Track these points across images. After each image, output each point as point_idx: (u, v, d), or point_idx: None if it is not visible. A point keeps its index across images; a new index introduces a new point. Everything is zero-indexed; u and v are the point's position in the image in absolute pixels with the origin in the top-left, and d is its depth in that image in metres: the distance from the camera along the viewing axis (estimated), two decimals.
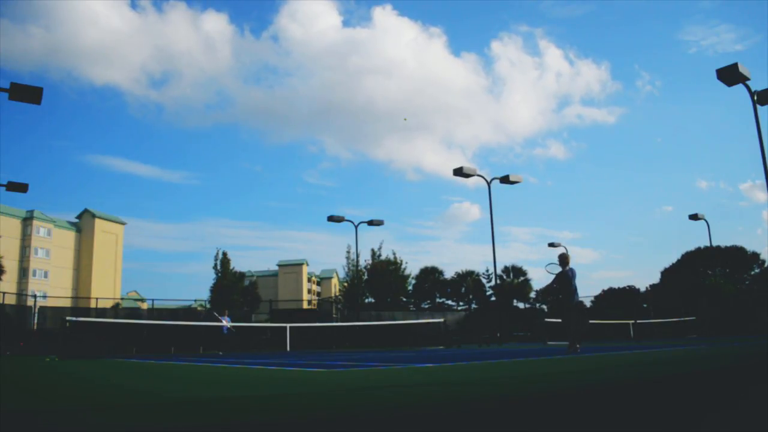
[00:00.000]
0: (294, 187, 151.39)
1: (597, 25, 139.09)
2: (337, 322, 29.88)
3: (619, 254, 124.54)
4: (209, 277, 44.64)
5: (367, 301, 41.79)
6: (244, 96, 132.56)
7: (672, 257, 63.55)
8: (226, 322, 20.28)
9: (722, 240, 66.54)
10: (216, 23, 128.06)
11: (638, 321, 29.19)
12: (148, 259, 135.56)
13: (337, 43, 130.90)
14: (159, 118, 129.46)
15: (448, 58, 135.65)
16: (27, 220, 79.57)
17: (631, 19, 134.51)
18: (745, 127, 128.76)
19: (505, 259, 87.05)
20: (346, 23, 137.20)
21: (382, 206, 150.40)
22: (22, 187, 19.61)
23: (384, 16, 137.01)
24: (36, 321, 24.58)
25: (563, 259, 11.01)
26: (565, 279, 10.79)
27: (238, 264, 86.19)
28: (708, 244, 35.43)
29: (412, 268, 65.26)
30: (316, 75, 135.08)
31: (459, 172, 25.24)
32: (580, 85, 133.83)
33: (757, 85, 15.80)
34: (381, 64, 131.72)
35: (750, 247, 48.32)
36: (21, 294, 55.06)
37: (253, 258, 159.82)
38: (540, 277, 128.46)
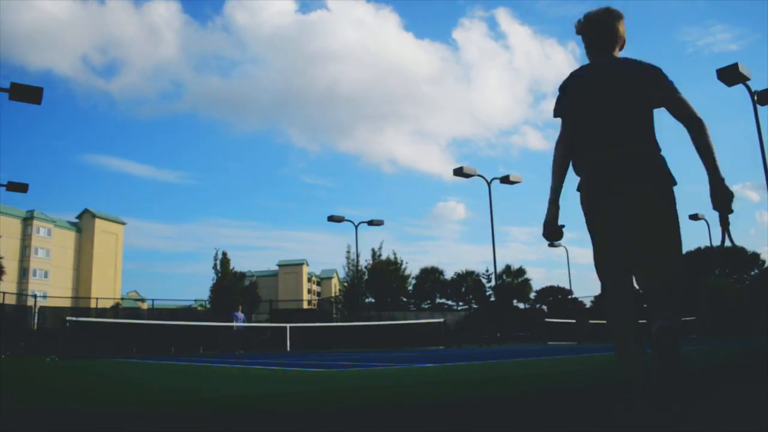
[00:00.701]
0: (291, 186, 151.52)
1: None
2: (337, 322, 29.88)
3: None
4: (209, 277, 44.62)
5: (367, 301, 41.78)
6: (201, 85, 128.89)
7: None
8: (238, 321, 20.70)
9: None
10: (167, 11, 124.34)
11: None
12: (148, 259, 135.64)
13: (295, 30, 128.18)
14: (128, 110, 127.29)
15: (419, 45, 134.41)
16: (27, 220, 79.56)
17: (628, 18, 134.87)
18: (738, 127, 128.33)
19: (504, 259, 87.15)
20: (301, 9, 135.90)
21: (370, 204, 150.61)
22: (22, 187, 19.61)
23: (341, 1, 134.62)
24: (36, 321, 24.56)
25: None
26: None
27: (238, 264, 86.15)
28: (708, 244, 35.45)
29: (412, 268, 65.35)
30: (275, 63, 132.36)
31: (459, 172, 25.22)
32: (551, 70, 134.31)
33: (753, 85, 15.76)
34: (348, 53, 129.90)
35: (746, 247, 48.31)
36: (21, 294, 55.05)
37: (253, 258, 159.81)
38: (540, 278, 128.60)
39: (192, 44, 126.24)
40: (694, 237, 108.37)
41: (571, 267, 59.03)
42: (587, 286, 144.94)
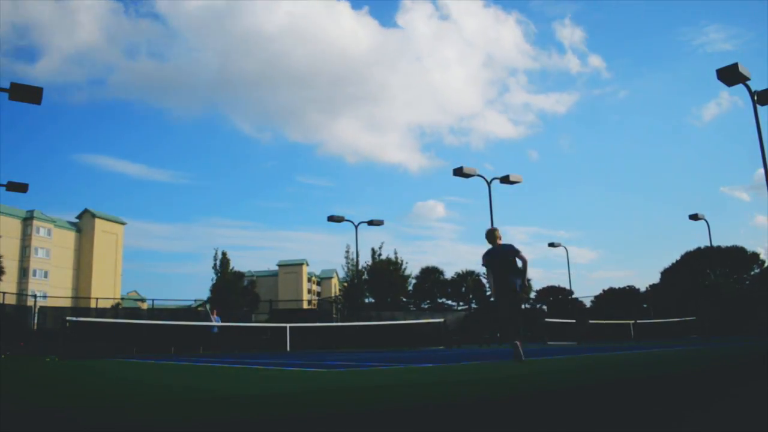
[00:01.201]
0: (285, 186, 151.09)
1: (586, 24, 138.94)
2: (337, 322, 29.87)
3: (618, 254, 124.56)
4: (209, 277, 44.60)
5: (367, 301, 41.76)
6: (131, 71, 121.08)
7: (672, 257, 63.60)
8: (214, 321, 21.38)
9: (721, 240, 66.63)
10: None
11: (638, 321, 29.20)
12: (148, 259, 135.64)
13: (225, 7, 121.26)
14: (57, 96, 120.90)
15: (362, 24, 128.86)
16: (27, 220, 79.57)
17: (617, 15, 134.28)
18: (728, 130, 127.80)
19: None
20: None
21: (350, 202, 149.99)
22: (22, 187, 19.61)
23: None
24: (36, 321, 24.56)
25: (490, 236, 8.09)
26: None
27: (238, 264, 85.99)
28: (708, 244, 35.44)
29: (412, 268, 65.30)
30: (206, 44, 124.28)
31: (459, 172, 25.12)
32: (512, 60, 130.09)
33: (748, 85, 15.68)
34: (286, 32, 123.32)
35: (746, 247, 48.29)
36: (21, 294, 55.10)
37: (253, 258, 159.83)
38: (540, 278, 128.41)
39: (116, 27, 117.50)
40: (693, 237, 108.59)
41: (570, 267, 58.69)
42: (586, 286, 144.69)
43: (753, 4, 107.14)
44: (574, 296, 42.57)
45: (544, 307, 46.14)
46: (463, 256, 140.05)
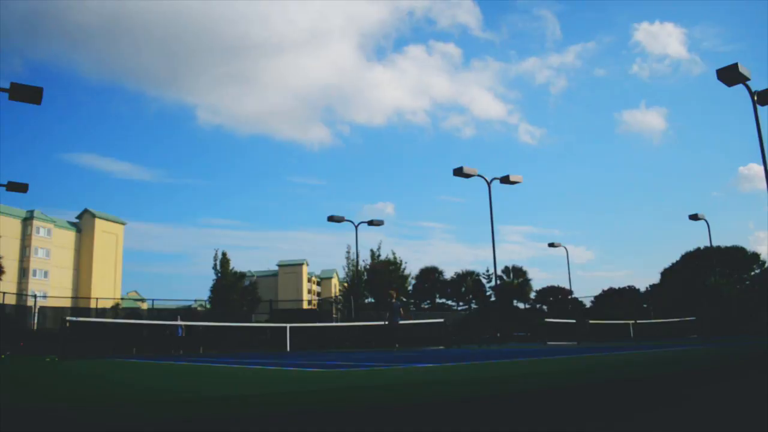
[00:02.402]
0: (278, 186, 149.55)
1: (569, 23, 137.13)
2: (337, 322, 29.88)
3: (615, 254, 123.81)
4: (209, 277, 44.65)
5: (367, 301, 41.78)
6: None
7: (672, 257, 63.59)
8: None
9: (721, 240, 66.64)
10: None
11: (638, 321, 29.21)
12: (148, 260, 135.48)
13: None
14: None
15: None
16: (27, 220, 79.56)
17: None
18: (719, 133, 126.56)
19: (494, 259, 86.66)
20: None
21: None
22: (22, 187, 19.60)
23: None
24: (36, 321, 24.57)
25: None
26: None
27: (237, 264, 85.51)
28: (708, 244, 35.47)
29: (412, 268, 65.36)
30: None
31: (459, 172, 25.14)
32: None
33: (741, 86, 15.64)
34: None
35: (746, 247, 48.37)
36: (21, 294, 55.06)
37: (253, 258, 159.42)
38: (540, 278, 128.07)
39: None
40: (693, 237, 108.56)
41: (570, 267, 58.74)
42: (585, 286, 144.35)
43: (726, 3, 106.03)
44: (573, 296, 42.58)
45: (544, 307, 46.17)
46: (461, 257, 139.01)
